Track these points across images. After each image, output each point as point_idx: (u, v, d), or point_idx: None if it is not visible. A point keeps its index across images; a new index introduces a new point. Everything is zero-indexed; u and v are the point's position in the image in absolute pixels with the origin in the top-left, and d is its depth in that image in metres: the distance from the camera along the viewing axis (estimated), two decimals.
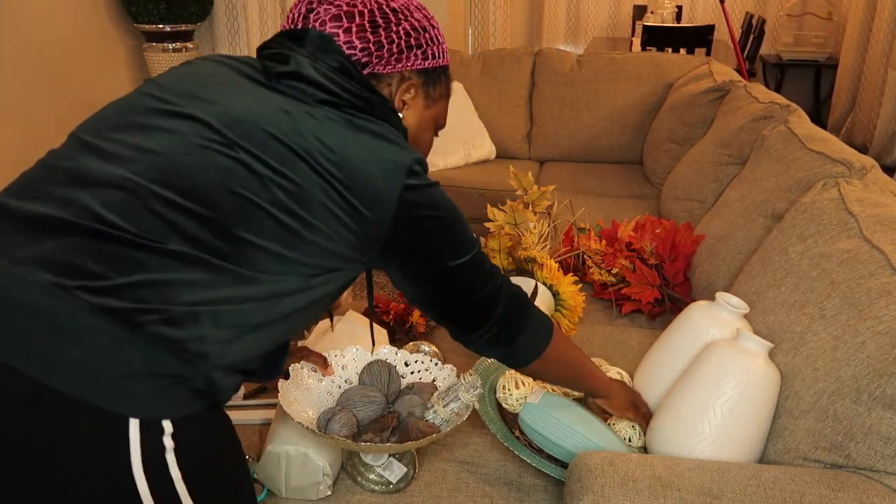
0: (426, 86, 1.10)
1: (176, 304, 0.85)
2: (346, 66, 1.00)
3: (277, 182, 0.89)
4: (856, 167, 1.55)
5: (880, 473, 1.02)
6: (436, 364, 1.34)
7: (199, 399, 0.88)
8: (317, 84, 0.96)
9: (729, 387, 1.16)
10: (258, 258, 0.89)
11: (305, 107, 0.95)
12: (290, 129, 0.92)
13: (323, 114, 0.95)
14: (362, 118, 0.97)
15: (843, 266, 1.23)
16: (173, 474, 0.85)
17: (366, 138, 0.95)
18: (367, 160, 0.93)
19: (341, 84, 0.97)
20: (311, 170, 0.91)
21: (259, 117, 0.92)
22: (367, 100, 0.99)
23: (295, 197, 0.90)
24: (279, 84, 0.97)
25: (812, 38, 5.56)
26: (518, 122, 3.56)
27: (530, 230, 1.91)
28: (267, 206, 0.89)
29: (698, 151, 2.48)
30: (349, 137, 0.94)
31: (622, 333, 1.80)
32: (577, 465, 1.07)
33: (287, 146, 0.91)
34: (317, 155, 0.91)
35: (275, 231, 0.89)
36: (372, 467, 1.27)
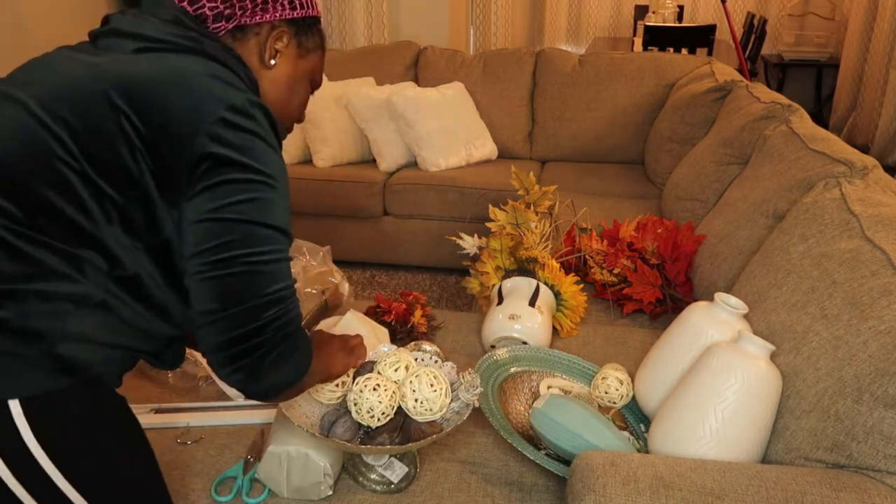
0: (298, 35, 1.07)
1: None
2: (179, 17, 0.97)
3: (72, 135, 0.87)
4: (857, 167, 1.55)
5: (882, 473, 1.02)
6: (436, 362, 1.34)
7: (58, 376, 0.87)
8: (132, 35, 0.94)
9: (730, 391, 1.16)
10: (79, 220, 0.87)
11: (118, 56, 0.93)
12: (89, 79, 0.89)
13: (136, 58, 0.92)
14: (189, 58, 0.93)
15: (845, 266, 1.23)
16: (35, 454, 0.85)
17: (179, 69, 0.91)
18: (170, 85, 0.89)
19: (166, 31, 0.95)
20: (106, 108, 0.87)
21: (64, 79, 0.90)
22: (196, 39, 0.95)
23: (92, 146, 0.87)
24: (98, 46, 0.96)
25: (814, 38, 5.55)
26: (520, 122, 3.56)
27: (532, 230, 1.91)
28: (69, 161, 0.86)
29: (700, 151, 2.48)
30: (156, 67, 0.90)
31: (624, 333, 1.80)
32: (579, 465, 1.07)
33: (83, 95, 0.88)
34: (112, 92, 0.87)
35: (85, 188, 0.87)
36: (373, 467, 1.27)
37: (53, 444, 0.86)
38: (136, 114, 0.87)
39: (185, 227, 0.90)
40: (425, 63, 3.70)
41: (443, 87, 3.40)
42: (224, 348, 0.91)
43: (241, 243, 0.90)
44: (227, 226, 0.89)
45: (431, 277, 3.32)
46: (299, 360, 0.99)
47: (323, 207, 3.27)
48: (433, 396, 1.19)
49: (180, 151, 0.87)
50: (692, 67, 3.33)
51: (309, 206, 3.28)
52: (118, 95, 0.87)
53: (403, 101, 3.20)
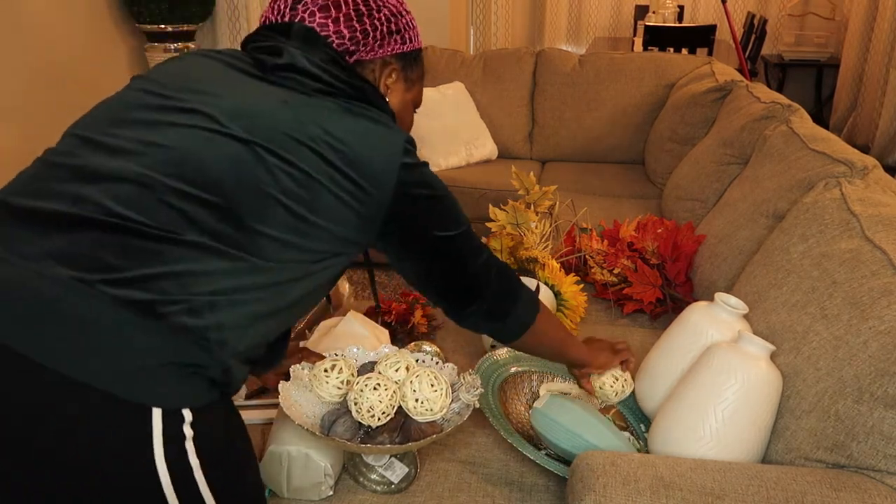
0: (405, 69, 1.14)
1: (196, 294, 0.86)
2: (335, 58, 1.03)
3: (286, 171, 0.92)
4: (858, 167, 1.55)
5: (882, 473, 1.02)
6: (437, 363, 1.34)
7: (213, 389, 0.90)
8: (311, 75, 1.00)
9: (730, 391, 1.16)
10: (270, 247, 0.92)
11: (303, 97, 0.98)
12: (292, 118, 0.95)
13: (320, 103, 0.98)
14: (357, 105, 1.00)
15: (845, 266, 1.23)
16: (192, 462, 0.86)
17: (362, 123, 0.99)
18: (366, 143, 0.97)
19: (334, 74, 1.01)
20: (315, 156, 0.93)
21: (261, 109, 0.95)
22: (360, 88, 1.03)
23: (302, 184, 0.93)
24: (274, 76, 1.00)
25: (814, 38, 5.55)
26: (520, 122, 3.56)
27: (532, 230, 1.91)
28: (277, 195, 0.91)
29: (700, 151, 2.48)
30: (348, 123, 0.97)
31: (624, 333, 1.80)
32: (580, 465, 1.07)
33: (290, 136, 0.93)
34: (319, 142, 0.94)
35: (285, 219, 0.92)
36: (373, 467, 1.27)
37: (206, 452, 0.87)
38: (342, 166, 0.95)
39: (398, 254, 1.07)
40: (425, 63, 3.70)
41: (443, 87, 3.40)
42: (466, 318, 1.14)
43: (447, 256, 1.08)
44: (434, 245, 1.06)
45: None
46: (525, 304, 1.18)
47: None
48: (434, 397, 1.19)
49: (381, 198, 0.98)
50: (692, 67, 3.33)
51: None
52: (324, 147, 0.94)
53: None
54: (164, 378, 0.84)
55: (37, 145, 1.03)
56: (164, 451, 0.84)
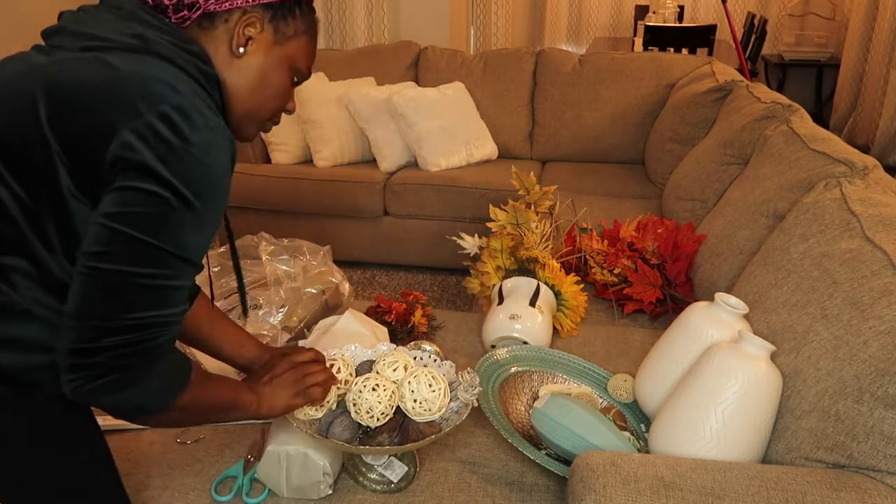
0: (274, 20, 0.99)
1: None
2: (134, 12, 0.92)
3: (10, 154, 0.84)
4: (858, 167, 1.55)
5: (882, 473, 1.02)
6: (435, 361, 1.34)
7: None
8: (79, 33, 0.90)
9: (731, 391, 1.16)
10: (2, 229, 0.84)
11: (63, 55, 0.88)
12: (23, 77, 0.86)
13: (75, 57, 0.87)
14: (124, 56, 0.87)
15: (846, 266, 1.23)
16: None
17: (108, 70, 0.85)
18: (93, 88, 0.84)
19: (115, 28, 0.90)
20: (30, 110, 0.83)
21: (4, 84, 0.87)
22: (142, 37, 0.90)
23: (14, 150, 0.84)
24: (49, 46, 0.91)
25: (814, 38, 5.55)
26: (520, 122, 3.56)
27: (532, 230, 1.91)
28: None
29: (700, 151, 2.48)
30: (90, 69, 0.85)
31: (624, 333, 1.80)
32: (580, 465, 1.07)
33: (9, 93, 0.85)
34: (39, 93, 0.84)
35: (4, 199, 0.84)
36: (373, 467, 1.27)
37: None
38: (56, 116, 0.83)
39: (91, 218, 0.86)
40: (426, 63, 3.70)
41: (443, 87, 3.40)
42: (63, 357, 0.86)
43: (121, 258, 0.83)
44: (113, 234, 0.83)
45: (432, 277, 3.32)
46: (148, 391, 0.90)
47: (323, 207, 3.27)
48: (432, 396, 1.19)
49: (98, 155, 0.82)
50: (692, 67, 3.33)
51: (309, 205, 3.28)
52: (42, 97, 0.83)
53: (404, 101, 3.20)
54: None
55: None
56: None
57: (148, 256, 0.84)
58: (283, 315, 1.69)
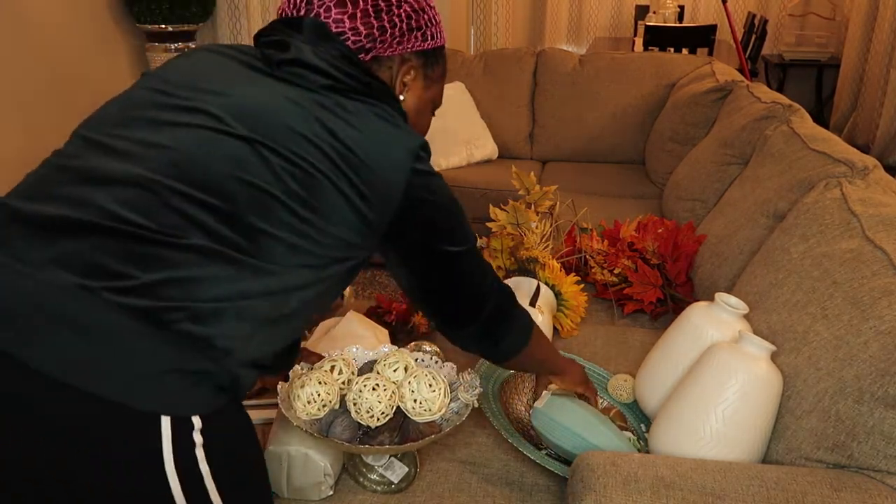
0: (425, 67, 1.10)
1: (200, 301, 0.84)
2: (346, 53, 1.00)
3: (289, 171, 0.90)
4: (858, 167, 1.55)
5: (882, 473, 1.02)
6: (436, 362, 1.34)
7: (222, 394, 0.88)
8: (319, 70, 0.96)
9: (731, 391, 1.16)
10: (274, 250, 0.89)
11: (309, 94, 0.95)
12: (297, 116, 0.92)
13: (327, 100, 0.95)
14: (365, 102, 0.97)
15: (846, 266, 1.23)
16: (202, 469, 0.85)
17: (372, 122, 0.96)
18: (374, 144, 0.94)
19: (343, 70, 0.97)
20: (319, 155, 0.91)
21: (265, 106, 0.93)
22: (369, 84, 0.99)
23: (306, 185, 0.90)
24: (281, 72, 0.97)
25: (814, 38, 5.55)
26: (520, 122, 3.56)
27: (532, 230, 1.91)
28: (280, 196, 0.89)
29: (700, 151, 2.48)
30: (355, 122, 0.94)
31: (624, 333, 1.80)
32: (580, 465, 1.07)
33: (294, 133, 0.91)
34: (324, 142, 0.91)
35: (289, 221, 0.90)
36: (373, 467, 1.27)
37: (216, 458, 0.86)
38: (347, 168, 0.92)
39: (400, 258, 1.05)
40: None
41: None
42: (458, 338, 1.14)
43: (449, 272, 1.06)
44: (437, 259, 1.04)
45: None
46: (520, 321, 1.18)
47: None
48: (432, 397, 1.19)
49: (389, 202, 0.96)
50: (693, 67, 3.33)
51: None
52: (328, 146, 0.92)
53: None
54: (172, 386, 0.83)
55: (38, 145, 1.03)
56: (175, 459, 0.82)
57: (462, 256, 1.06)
58: None
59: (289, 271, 0.91)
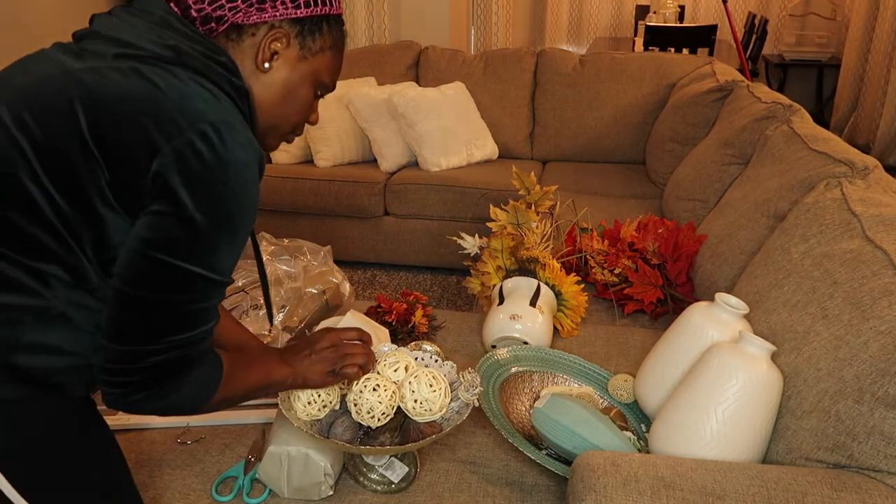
0: (301, 35, 0.98)
1: None
2: (166, 19, 0.92)
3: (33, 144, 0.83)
4: (858, 167, 1.55)
5: (883, 473, 1.02)
6: (437, 362, 1.34)
7: (13, 385, 0.86)
8: (113, 39, 0.89)
9: (731, 391, 1.16)
10: (40, 234, 0.84)
11: (96, 62, 0.87)
12: (59, 84, 0.85)
13: (111, 65, 0.87)
14: (160, 68, 0.87)
15: (846, 266, 1.23)
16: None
17: (144, 84, 0.85)
18: (133, 102, 0.84)
19: (148, 37, 0.89)
20: (69, 118, 0.83)
21: (35, 82, 0.87)
22: (176, 48, 0.89)
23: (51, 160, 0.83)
24: (80, 49, 0.90)
25: (815, 38, 5.55)
26: (521, 122, 3.56)
27: (533, 230, 1.91)
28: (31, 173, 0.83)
29: (701, 151, 2.48)
30: (128, 84, 0.85)
31: (625, 333, 1.80)
32: (580, 465, 1.07)
33: (51, 102, 0.84)
34: (77, 102, 0.83)
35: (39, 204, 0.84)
36: (373, 467, 1.27)
37: (5, 454, 0.85)
38: (97, 127, 0.83)
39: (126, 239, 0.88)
40: (426, 63, 3.70)
41: (444, 87, 3.40)
42: (101, 373, 0.88)
43: (156, 284, 0.85)
44: (148, 261, 0.85)
45: (432, 277, 3.32)
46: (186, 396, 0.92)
47: (324, 207, 3.27)
48: (432, 397, 1.19)
49: (140, 169, 0.83)
50: (693, 67, 3.33)
51: (310, 206, 3.28)
52: (81, 107, 0.83)
53: (404, 101, 3.20)
54: None
55: None
56: None
57: (182, 281, 0.86)
58: (283, 315, 1.69)
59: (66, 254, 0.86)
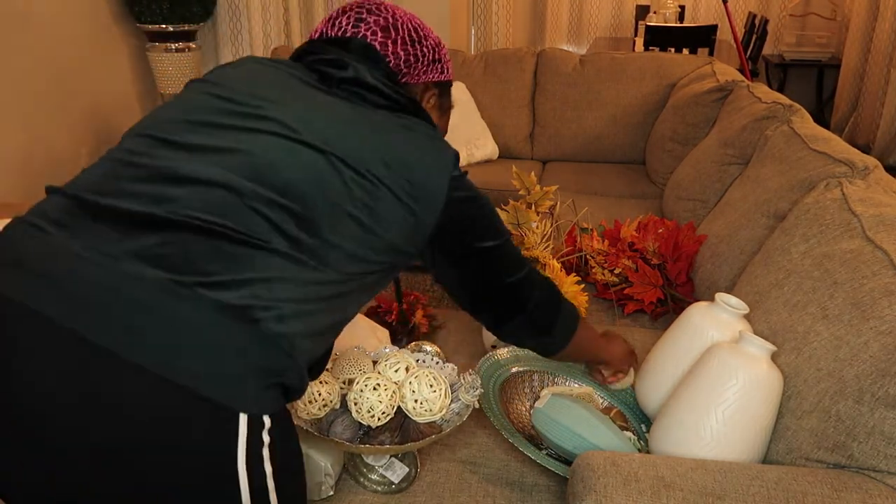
0: (441, 97, 1.21)
1: (284, 301, 0.87)
2: (391, 74, 1.09)
3: (358, 182, 0.95)
4: (859, 167, 1.55)
5: (883, 473, 1.02)
6: (437, 362, 1.34)
7: (284, 396, 0.90)
8: (375, 90, 1.04)
9: (731, 391, 1.16)
10: (341, 259, 0.94)
11: (367, 111, 1.03)
12: (363, 132, 0.99)
13: (383, 117, 1.03)
14: (413, 121, 1.05)
15: (846, 266, 1.23)
16: (266, 469, 0.86)
17: (420, 138, 1.04)
18: (422, 157, 1.02)
19: (392, 89, 1.06)
20: (382, 167, 0.97)
21: (333, 120, 0.99)
22: (414, 102, 1.08)
23: (372, 196, 0.96)
24: (340, 90, 1.04)
25: (815, 38, 5.55)
26: (521, 122, 3.56)
27: (533, 230, 1.91)
28: (349, 207, 0.94)
29: (701, 151, 2.48)
30: (408, 137, 1.02)
31: (625, 333, 1.80)
32: (580, 465, 1.07)
33: (362, 147, 0.97)
34: (385, 154, 0.98)
35: (354, 231, 0.94)
36: (374, 467, 1.27)
37: (276, 458, 0.87)
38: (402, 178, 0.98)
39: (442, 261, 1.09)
40: None
41: None
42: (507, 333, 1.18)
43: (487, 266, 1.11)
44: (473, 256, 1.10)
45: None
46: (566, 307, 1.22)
47: None
48: (433, 397, 1.19)
49: (435, 205, 1.01)
50: (693, 67, 3.33)
51: None
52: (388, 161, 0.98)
53: None
54: (253, 383, 0.84)
55: (38, 144, 1.03)
56: (246, 456, 0.84)
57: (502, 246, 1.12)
58: None
59: (348, 278, 0.96)
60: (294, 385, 0.90)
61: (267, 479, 0.86)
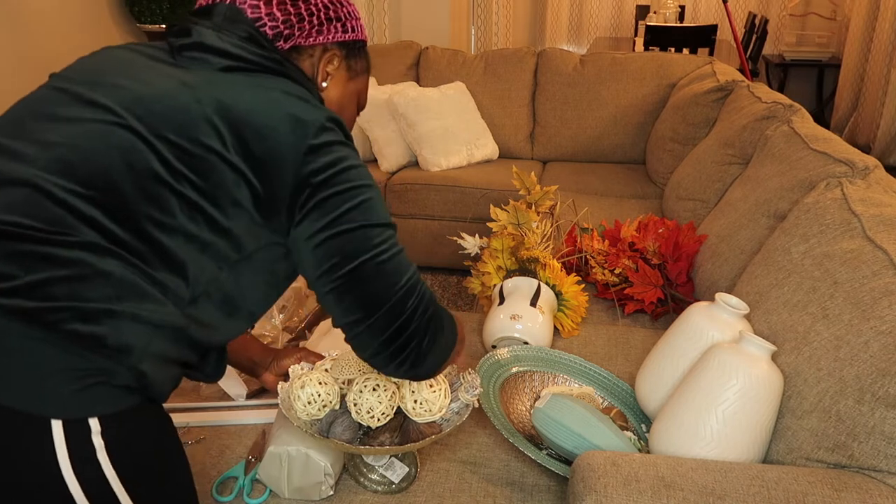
0: (348, 58, 1.10)
1: (89, 301, 0.81)
2: (255, 36, 0.98)
3: (178, 156, 0.87)
4: (859, 167, 1.55)
5: (883, 473, 1.02)
6: None
7: (130, 395, 0.85)
8: (221, 52, 0.95)
9: (731, 391, 1.16)
10: (170, 244, 0.87)
11: (207, 74, 0.93)
12: (189, 98, 0.90)
13: (226, 78, 0.94)
14: (275, 79, 0.96)
15: (846, 266, 1.23)
16: (107, 473, 0.83)
17: (273, 94, 0.93)
18: (269, 114, 0.91)
19: (250, 51, 0.96)
20: (213, 134, 0.88)
21: (158, 93, 0.90)
22: (280, 62, 0.98)
23: (198, 169, 0.88)
24: (181, 58, 0.96)
25: (815, 38, 5.55)
26: (521, 122, 3.56)
27: (533, 230, 1.91)
28: (171, 183, 0.86)
29: (701, 151, 2.48)
30: (253, 93, 0.92)
31: (625, 333, 1.80)
32: (581, 465, 1.07)
33: (187, 117, 0.89)
34: (215, 117, 0.89)
35: (182, 210, 0.87)
36: (374, 467, 1.27)
37: (122, 462, 0.84)
38: (239, 142, 0.89)
39: (301, 248, 0.95)
40: (427, 63, 3.70)
41: (444, 87, 3.40)
42: (382, 350, 0.99)
43: (362, 249, 0.95)
44: (344, 237, 0.94)
45: (433, 277, 3.32)
46: (450, 334, 1.08)
47: None
48: (432, 397, 1.19)
49: (283, 177, 0.91)
50: (693, 67, 3.33)
51: None
52: (221, 121, 0.89)
53: (405, 101, 3.20)
54: (60, 388, 0.80)
55: None
56: (73, 464, 0.80)
57: (376, 236, 0.97)
58: (284, 316, 1.69)
59: (192, 265, 0.89)
60: (132, 384, 0.85)
61: (111, 484, 0.83)
